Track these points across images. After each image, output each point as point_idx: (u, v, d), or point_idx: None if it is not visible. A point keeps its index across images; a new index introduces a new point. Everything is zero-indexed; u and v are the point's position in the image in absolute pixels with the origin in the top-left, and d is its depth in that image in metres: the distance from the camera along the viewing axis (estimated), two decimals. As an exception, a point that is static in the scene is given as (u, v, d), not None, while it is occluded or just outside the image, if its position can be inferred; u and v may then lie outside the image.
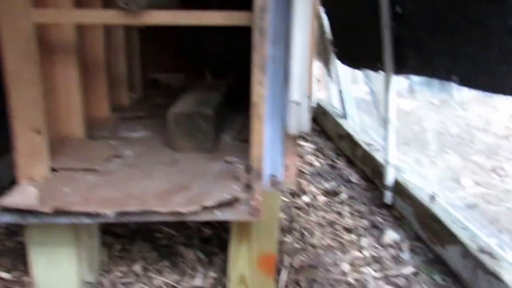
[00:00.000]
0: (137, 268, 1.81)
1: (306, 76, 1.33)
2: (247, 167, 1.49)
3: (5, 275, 1.71)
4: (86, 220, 1.29)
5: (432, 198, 2.06)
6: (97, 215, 1.27)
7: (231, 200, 1.28)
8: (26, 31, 1.28)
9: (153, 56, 2.76)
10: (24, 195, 1.31)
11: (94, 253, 1.73)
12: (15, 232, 1.94)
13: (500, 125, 3.57)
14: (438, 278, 1.84)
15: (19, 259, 1.75)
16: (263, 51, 1.23)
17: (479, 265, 1.68)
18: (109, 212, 1.27)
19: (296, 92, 1.32)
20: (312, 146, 3.25)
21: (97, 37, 1.89)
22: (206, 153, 1.72)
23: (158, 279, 1.75)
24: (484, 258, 1.68)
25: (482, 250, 1.72)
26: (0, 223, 1.87)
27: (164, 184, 1.46)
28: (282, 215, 2.25)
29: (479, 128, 3.45)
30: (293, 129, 1.38)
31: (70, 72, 1.63)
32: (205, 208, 1.28)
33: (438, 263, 1.92)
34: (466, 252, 1.77)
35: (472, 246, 1.76)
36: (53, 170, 1.50)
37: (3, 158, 2.00)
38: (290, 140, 1.45)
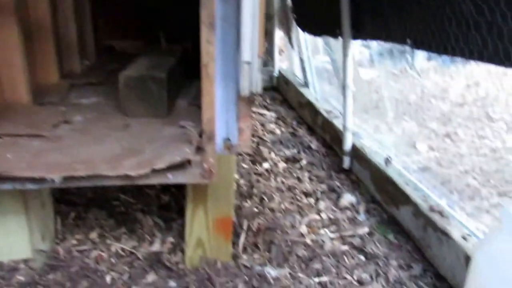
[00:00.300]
0: (94, 235, 1.79)
1: (257, 36, 1.30)
2: (201, 130, 1.47)
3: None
4: (30, 186, 1.24)
5: (387, 161, 2.10)
6: (42, 180, 1.23)
7: (182, 163, 1.26)
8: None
9: (107, 22, 2.66)
10: (-37, 162, 1.25)
11: (47, 222, 1.69)
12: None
13: (456, 93, 3.66)
14: (391, 237, 1.89)
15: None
16: (211, 8, 1.20)
17: (430, 223, 1.73)
18: (55, 177, 1.23)
19: (247, 52, 1.30)
20: (274, 114, 3.25)
21: (40, -3, 1.79)
22: (160, 118, 1.68)
23: (116, 246, 1.74)
24: (434, 217, 1.74)
25: (432, 209, 1.78)
26: None
27: (115, 149, 1.43)
28: (241, 181, 2.25)
29: (435, 96, 3.53)
30: (245, 90, 1.36)
31: (10, 33, 1.54)
32: (156, 171, 1.26)
33: (392, 223, 1.98)
34: (417, 212, 1.82)
35: (423, 205, 1.82)
36: (-4, 136, 1.44)
37: None
38: (244, 103, 1.44)
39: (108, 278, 1.58)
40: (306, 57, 3.36)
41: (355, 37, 2.26)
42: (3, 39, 1.55)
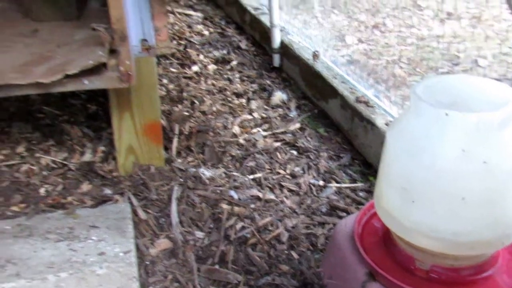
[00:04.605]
0: (21, 149, 1.72)
1: None
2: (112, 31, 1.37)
3: None
4: None
5: (315, 55, 2.11)
6: None
7: (96, 66, 1.18)
8: None
9: None
10: None
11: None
12: None
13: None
14: (322, 130, 1.96)
15: None
16: None
17: (356, 114, 1.80)
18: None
19: None
20: (201, 14, 3.10)
21: None
22: (70, 21, 1.55)
23: (45, 159, 1.68)
24: (360, 107, 1.80)
25: (358, 100, 1.83)
26: None
27: (24, 56, 1.31)
28: (171, 86, 2.20)
29: (365, -13, 3.49)
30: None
31: None
32: (70, 77, 1.18)
33: (322, 117, 2.04)
34: (345, 104, 1.88)
35: (350, 97, 1.87)
36: None
37: None
38: (157, 0, 1.34)
39: (42, 191, 1.55)
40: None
41: None
42: None
